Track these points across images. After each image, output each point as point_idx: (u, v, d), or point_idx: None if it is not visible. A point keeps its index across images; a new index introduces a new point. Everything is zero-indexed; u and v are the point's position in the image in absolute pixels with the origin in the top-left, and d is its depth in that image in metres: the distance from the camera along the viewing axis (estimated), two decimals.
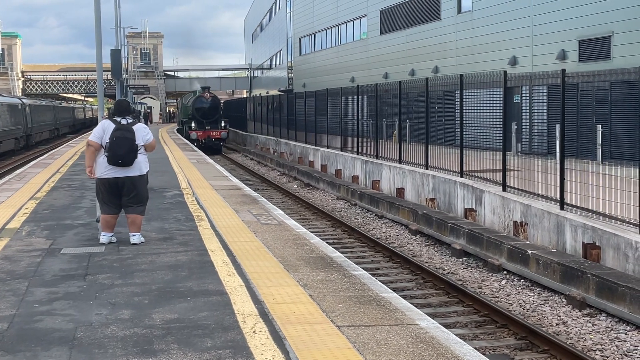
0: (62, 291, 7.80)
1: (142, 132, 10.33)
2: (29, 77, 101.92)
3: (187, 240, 10.71)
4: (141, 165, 10.32)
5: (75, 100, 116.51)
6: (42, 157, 31.60)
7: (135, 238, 10.41)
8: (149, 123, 68.40)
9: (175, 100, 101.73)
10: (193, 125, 45.47)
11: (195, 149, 36.76)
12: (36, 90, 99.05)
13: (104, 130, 10.20)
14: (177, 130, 61.25)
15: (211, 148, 43.94)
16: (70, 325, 6.56)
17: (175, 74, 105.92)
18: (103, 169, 10.19)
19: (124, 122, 10.25)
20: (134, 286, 7.96)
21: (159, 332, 6.33)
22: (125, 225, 10.66)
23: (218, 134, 45.57)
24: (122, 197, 10.29)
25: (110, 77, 37.14)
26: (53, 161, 27.59)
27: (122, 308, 7.10)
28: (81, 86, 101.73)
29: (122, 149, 10.05)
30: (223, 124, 46.30)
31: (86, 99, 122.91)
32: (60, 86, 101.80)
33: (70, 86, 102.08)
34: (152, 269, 8.81)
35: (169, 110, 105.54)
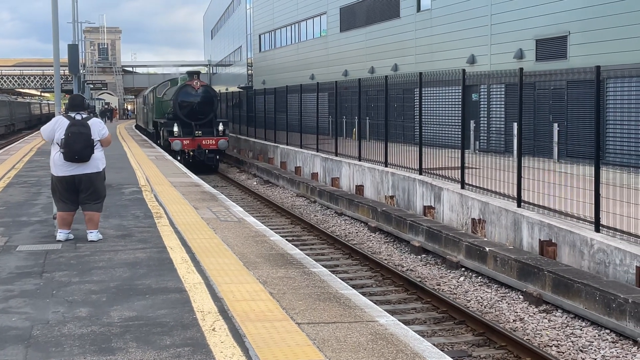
0: (18, 289, 7.69)
1: (97, 127, 10.21)
2: None
3: (146, 237, 10.62)
4: (98, 161, 10.20)
5: (32, 95, 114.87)
6: None
7: (93, 235, 10.29)
8: (108, 120, 67.34)
9: (133, 97, 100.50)
10: (176, 129, 30.81)
11: (154, 145, 34.83)
12: None
13: (55, 125, 10.08)
14: (136, 126, 60.66)
15: (203, 164, 30.58)
16: (27, 324, 6.47)
17: (134, 70, 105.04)
18: (59, 166, 10.05)
19: (78, 117, 10.12)
20: (91, 284, 7.87)
21: (117, 330, 6.27)
22: (83, 222, 10.54)
23: (214, 142, 30.81)
24: (79, 194, 10.16)
25: (67, 72, 36.62)
26: (9, 157, 27.17)
27: (79, 306, 7.02)
28: (37, 81, 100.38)
29: (78, 145, 9.91)
30: (221, 128, 31.57)
31: (42, 94, 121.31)
32: (15, 81, 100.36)
33: (26, 81, 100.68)
34: (110, 266, 8.72)
35: (126, 107, 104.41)
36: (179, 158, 28.96)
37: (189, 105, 31.52)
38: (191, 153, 30.48)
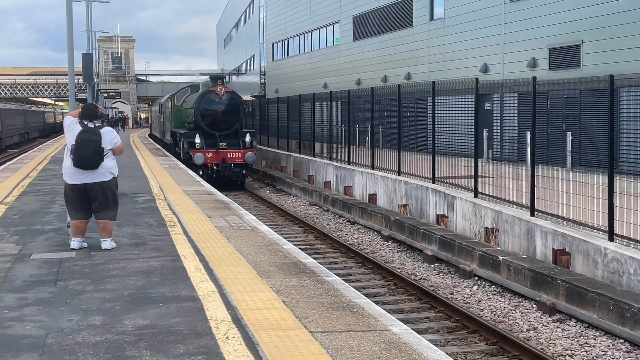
0: (32, 297, 7.72)
1: (109, 136, 10.26)
2: None
3: (160, 245, 10.65)
4: (109, 170, 10.24)
5: (46, 104, 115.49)
6: (11, 162, 31.25)
7: (107, 243, 10.33)
8: (121, 129, 67.37)
9: (147, 105, 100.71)
10: (197, 140, 27.46)
11: (168, 153, 34.22)
12: (5, 94, 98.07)
13: (68, 127, 10.18)
14: (149, 135, 60.79)
15: (228, 179, 27.58)
16: (41, 332, 6.50)
17: (147, 79, 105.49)
18: (71, 174, 10.11)
19: (91, 125, 10.19)
20: (105, 292, 7.90)
21: (131, 339, 6.29)
22: (97, 230, 10.58)
23: (240, 155, 27.61)
24: (92, 202, 10.20)
25: (81, 81, 36.74)
26: (22, 166, 27.30)
27: (93, 314, 7.04)
28: (51, 90, 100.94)
29: (86, 151, 9.96)
30: (248, 139, 28.26)
31: (56, 103, 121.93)
32: (30, 90, 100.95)
33: (40, 90, 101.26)
34: (123, 274, 8.75)
35: (139, 116, 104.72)
36: (200, 173, 25.92)
37: (212, 114, 28.16)
38: (214, 167, 27.32)
